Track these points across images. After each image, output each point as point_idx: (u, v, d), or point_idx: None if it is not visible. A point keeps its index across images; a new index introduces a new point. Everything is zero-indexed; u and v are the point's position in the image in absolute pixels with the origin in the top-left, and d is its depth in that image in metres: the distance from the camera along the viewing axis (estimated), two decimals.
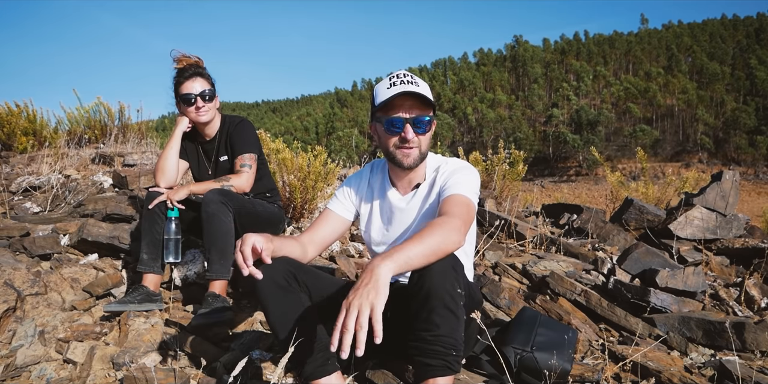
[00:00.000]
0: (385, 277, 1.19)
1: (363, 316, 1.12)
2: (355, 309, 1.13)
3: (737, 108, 62.49)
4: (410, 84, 1.55)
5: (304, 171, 3.51)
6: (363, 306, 1.13)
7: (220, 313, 2.11)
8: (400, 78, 1.57)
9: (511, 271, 2.93)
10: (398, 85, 1.55)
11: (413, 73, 14.83)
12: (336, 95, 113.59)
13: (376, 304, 1.14)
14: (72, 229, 2.97)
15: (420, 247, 1.29)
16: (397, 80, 1.57)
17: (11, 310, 2.18)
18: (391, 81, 1.58)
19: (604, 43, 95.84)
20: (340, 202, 1.83)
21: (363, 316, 1.12)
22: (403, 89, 1.53)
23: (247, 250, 1.38)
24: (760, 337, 2.12)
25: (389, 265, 1.22)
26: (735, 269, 3.34)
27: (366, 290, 1.16)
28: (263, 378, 1.79)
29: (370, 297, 1.15)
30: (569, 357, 1.77)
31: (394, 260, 1.24)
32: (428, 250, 1.31)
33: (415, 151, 1.61)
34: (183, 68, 2.48)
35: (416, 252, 1.28)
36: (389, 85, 1.57)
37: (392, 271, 1.22)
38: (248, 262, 1.36)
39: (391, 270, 1.22)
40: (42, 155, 4.97)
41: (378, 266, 1.21)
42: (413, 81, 1.58)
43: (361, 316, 1.12)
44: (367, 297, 1.15)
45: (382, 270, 1.20)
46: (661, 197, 5.36)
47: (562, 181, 53.94)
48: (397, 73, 1.60)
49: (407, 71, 1.62)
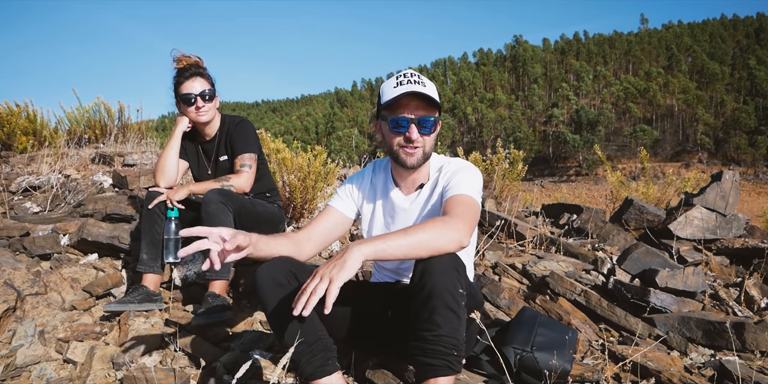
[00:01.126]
0: (355, 258, 1.26)
1: (322, 284, 1.22)
2: (318, 277, 1.25)
3: (737, 108, 62.51)
4: (417, 84, 1.54)
5: (304, 171, 3.51)
6: (324, 276, 1.23)
7: (220, 313, 2.11)
8: (407, 77, 1.56)
9: (511, 271, 2.93)
10: (405, 85, 1.54)
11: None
12: (336, 95, 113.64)
13: (335, 279, 1.22)
14: (72, 229, 2.97)
15: (404, 239, 1.32)
16: (404, 79, 1.56)
17: (11, 310, 2.18)
18: (398, 80, 1.57)
19: (604, 43, 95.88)
20: (342, 200, 1.81)
21: (322, 284, 1.22)
22: (410, 89, 1.52)
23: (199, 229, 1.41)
24: (760, 337, 2.12)
25: (364, 250, 1.28)
26: (735, 269, 3.34)
27: (333, 264, 1.26)
28: (263, 378, 1.79)
29: (334, 271, 1.23)
30: (569, 357, 1.77)
31: (372, 246, 1.30)
32: (413, 244, 1.33)
33: (419, 152, 1.60)
34: (183, 68, 2.48)
35: (398, 243, 1.32)
36: (396, 84, 1.56)
37: (365, 255, 1.28)
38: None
39: (364, 254, 1.28)
40: (42, 155, 4.97)
41: (353, 248, 1.28)
42: (420, 81, 1.57)
43: (321, 283, 1.22)
44: (331, 271, 1.24)
45: (355, 252, 1.27)
46: (661, 197, 5.36)
47: (562, 181, 53.97)
48: (405, 72, 1.59)
49: (414, 71, 1.61)
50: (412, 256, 1.35)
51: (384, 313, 1.65)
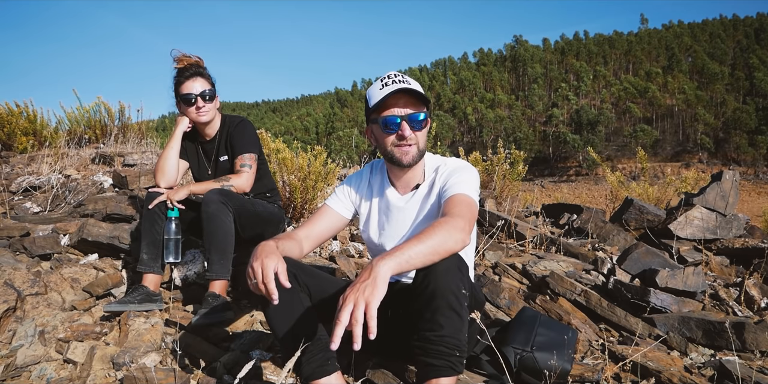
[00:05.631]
0: (384, 275, 1.20)
1: (358, 310, 1.13)
2: (351, 303, 1.15)
3: (738, 108, 62.49)
4: (402, 82, 1.57)
5: (304, 171, 3.51)
6: (359, 301, 1.15)
7: (220, 313, 2.11)
8: (391, 78, 1.59)
9: (511, 271, 2.93)
10: (390, 85, 1.57)
11: (413, 73, 14.69)
12: (336, 95, 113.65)
13: (371, 301, 1.15)
14: (72, 229, 2.97)
15: (421, 247, 1.29)
16: (388, 80, 1.59)
17: (11, 310, 2.18)
18: (382, 82, 1.60)
19: (604, 43, 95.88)
20: (340, 199, 1.84)
21: (358, 310, 1.13)
22: (396, 87, 1.54)
23: (272, 285, 1.32)
24: (760, 337, 2.12)
25: (389, 264, 1.23)
26: (735, 269, 3.34)
27: (363, 286, 1.17)
28: (263, 378, 1.79)
29: (366, 293, 1.16)
30: (569, 357, 1.77)
31: (395, 259, 1.25)
32: (429, 250, 1.31)
33: (413, 148, 1.61)
34: (183, 68, 2.48)
35: (417, 251, 1.28)
36: (381, 86, 1.59)
37: (392, 270, 1.23)
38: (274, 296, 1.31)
39: (391, 269, 1.23)
40: (42, 155, 4.97)
41: (378, 264, 1.22)
42: (404, 80, 1.59)
43: (356, 310, 1.13)
44: (363, 292, 1.16)
45: (381, 268, 1.21)
46: (661, 197, 5.36)
47: (562, 181, 53.96)
48: (388, 74, 1.62)
49: (397, 72, 1.63)
50: (429, 262, 1.32)
51: (384, 313, 1.65)
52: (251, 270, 1.36)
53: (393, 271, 1.23)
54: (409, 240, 1.32)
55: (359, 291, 1.17)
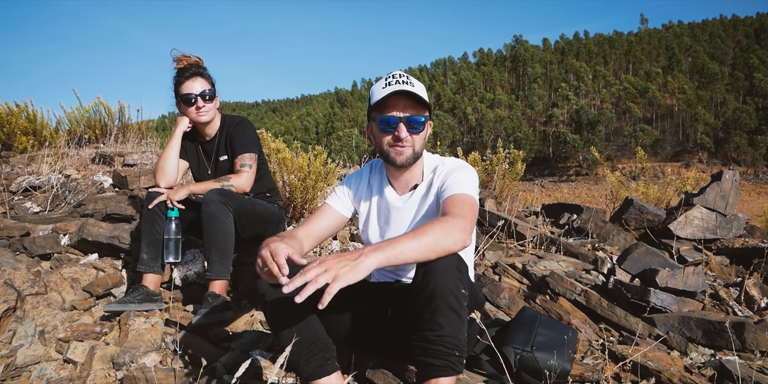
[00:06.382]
0: (368, 266, 1.21)
1: (325, 275, 1.16)
2: (324, 268, 1.18)
3: (738, 108, 62.49)
4: (405, 84, 1.57)
5: (304, 171, 3.51)
6: (331, 270, 1.17)
7: (220, 313, 2.11)
8: (396, 78, 1.59)
9: (511, 271, 2.93)
10: (393, 85, 1.56)
11: (413, 73, 14.71)
12: (336, 95, 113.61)
13: (340, 277, 1.17)
14: (72, 229, 2.97)
15: (414, 243, 1.29)
16: (392, 80, 1.58)
17: (11, 310, 2.18)
18: (387, 81, 1.60)
19: (604, 43, 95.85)
20: (339, 199, 1.84)
21: (325, 275, 1.16)
22: (398, 88, 1.54)
23: (282, 260, 1.30)
24: (760, 337, 2.12)
25: (378, 257, 1.24)
26: (735, 269, 3.34)
27: (344, 263, 1.20)
28: (263, 378, 1.79)
29: (343, 270, 1.18)
30: (569, 357, 1.77)
31: (385, 253, 1.25)
32: (423, 247, 1.30)
33: (408, 150, 1.61)
34: (183, 68, 2.48)
35: (409, 247, 1.28)
36: (385, 85, 1.58)
37: (379, 263, 1.24)
38: (284, 270, 1.29)
39: (378, 261, 1.23)
40: (42, 155, 4.97)
41: (367, 254, 1.23)
42: (408, 81, 1.59)
43: (324, 274, 1.16)
44: (341, 268, 1.18)
45: (369, 259, 1.22)
46: (661, 197, 5.36)
47: (562, 180, 53.95)
48: (393, 74, 1.62)
49: (404, 72, 1.63)
50: (422, 259, 1.32)
51: (383, 313, 1.65)
52: (260, 258, 1.35)
53: (380, 264, 1.24)
54: (405, 235, 1.32)
55: (338, 264, 1.19)
